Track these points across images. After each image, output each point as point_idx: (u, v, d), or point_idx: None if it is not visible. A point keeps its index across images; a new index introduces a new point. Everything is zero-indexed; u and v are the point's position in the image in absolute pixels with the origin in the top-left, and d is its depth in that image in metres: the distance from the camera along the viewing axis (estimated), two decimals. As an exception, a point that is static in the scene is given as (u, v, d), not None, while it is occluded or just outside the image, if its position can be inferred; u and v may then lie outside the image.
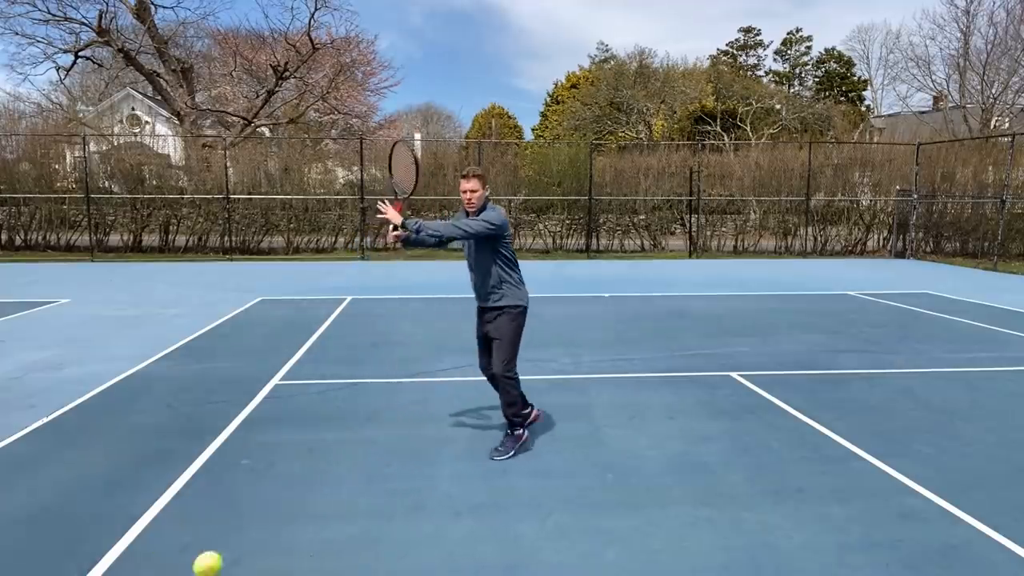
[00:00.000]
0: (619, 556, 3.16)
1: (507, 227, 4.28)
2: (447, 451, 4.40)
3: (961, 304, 10.24)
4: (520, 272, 4.39)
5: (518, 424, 4.37)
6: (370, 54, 28.85)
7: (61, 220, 17.89)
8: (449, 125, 52.25)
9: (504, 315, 4.27)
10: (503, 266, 4.28)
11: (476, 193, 4.21)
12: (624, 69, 40.43)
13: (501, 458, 4.23)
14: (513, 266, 4.34)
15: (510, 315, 4.27)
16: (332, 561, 3.11)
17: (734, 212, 19.70)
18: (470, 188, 4.21)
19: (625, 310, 9.69)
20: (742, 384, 5.95)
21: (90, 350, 7.07)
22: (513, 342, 4.29)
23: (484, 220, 4.15)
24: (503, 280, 4.27)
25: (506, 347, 4.26)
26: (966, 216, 18.07)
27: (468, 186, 4.21)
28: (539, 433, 4.71)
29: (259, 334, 7.91)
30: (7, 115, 21.19)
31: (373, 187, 18.31)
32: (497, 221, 4.15)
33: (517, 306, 4.30)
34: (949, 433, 4.78)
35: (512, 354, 4.29)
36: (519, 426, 4.38)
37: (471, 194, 4.21)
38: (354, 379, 6.03)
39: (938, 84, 35.00)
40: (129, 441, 4.54)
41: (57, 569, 3.02)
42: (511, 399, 4.30)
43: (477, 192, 4.21)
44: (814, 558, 3.14)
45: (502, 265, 4.28)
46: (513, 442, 4.34)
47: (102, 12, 21.51)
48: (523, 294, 4.36)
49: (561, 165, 19.80)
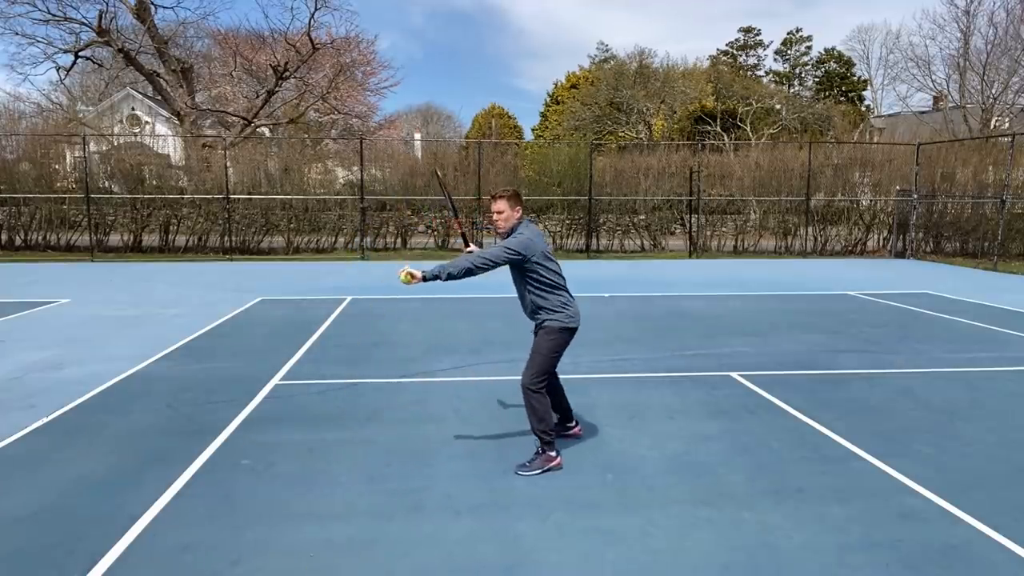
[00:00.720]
0: (619, 556, 3.16)
1: (533, 251, 4.01)
2: (447, 451, 4.40)
3: (961, 304, 10.24)
4: (563, 292, 4.16)
5: (547, 442, 4.12)
6: (370, 54, 28.89)
7: (61, 220, 17.89)
8: (449, 125, 52.29)
9: (543, 331, 4.13)
10: (537, 291, 4.10)
11: (503, 215, 4.06)
12: (624, 69, 40.43)
13: (526, 473, 4.02)
14: (550, 289, 4.11)
15: (548, 332, 4.11)
16: (332, 561, 3.11)
17: (734, 212, 19.69)
18: (496, 210, 4.08)
19: (625, 310, 9.69)
20: (742, 384, 5.95)
21: (90, 350, 7.07)
22: (546, 357, 4.10)
23: (504, 247, 3.97)
24: (539, 307, 4.12)
25: (537, 361, 4.10)
26: (966, 216, 18.06)
27: (495, 208, 4.08)
28: (539, 433, 4.71)
29: (259, 334, 7.91)
30: (7, 115, 21.20)
31: (373, 187, 18.32)
32: (518, 248, 3.95)
33: (557, 326, 4.10)
34: (949, 433, 4.78)
35: (541, 369, 4.09)
36: (549, 445, 4.12)
37: (498, 216, 4.08)
38: (354, 379, 6.03)
39: (938, 84, 35.01)
40: (129, 441, 4.54)
41: (57, 569, 3.02)
42: (537, 415, 4.09)
43: (504, 213, 4.05)
44: (814, 558, 3.14)
45: (535, 290, 4.10)
46: (542, 462, 4.09)
47: (102, 12, 21.53)
48: (564, 316, 4.11)
49: (561, 165, 19.82)
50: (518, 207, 4.14)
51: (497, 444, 4.52)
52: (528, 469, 4.06)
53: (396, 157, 20.09)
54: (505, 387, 5.75)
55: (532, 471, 4.05)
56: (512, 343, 7.44)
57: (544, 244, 4.17)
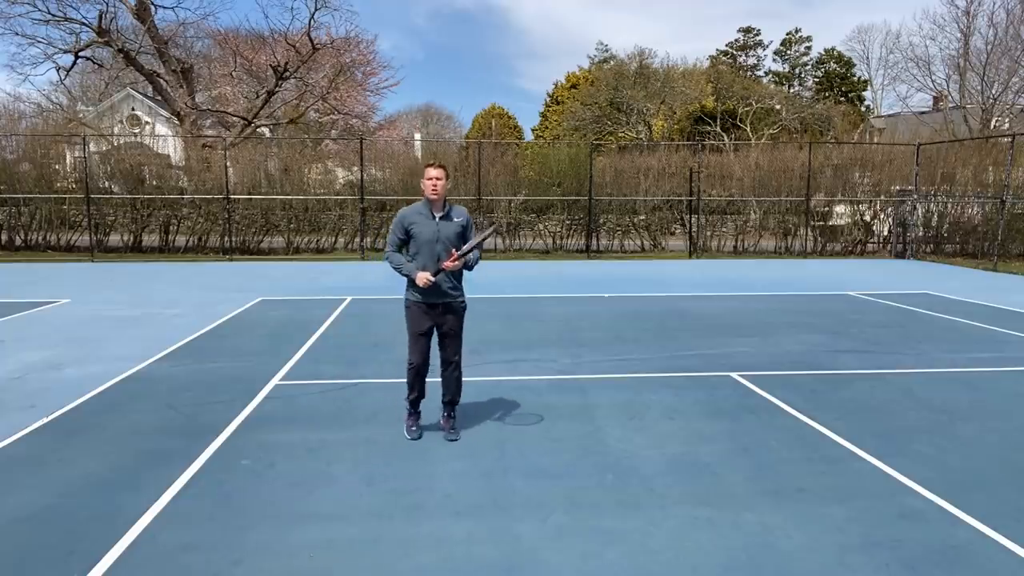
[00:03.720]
0: (619, 556, 3.16)
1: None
2: (447, 451, 4.40)
3: (961, 304, 10.24)
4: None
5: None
6: (370, 54, 28.92)
7: (61, 220, 17.89)
8: (449, 125, 52.31)
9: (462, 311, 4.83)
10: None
11: (443, 183, 4.48)
12: (624, 69, 40.44)
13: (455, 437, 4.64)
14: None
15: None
16: (332, 561, 3.11)
17: (734, 212, 19.69)
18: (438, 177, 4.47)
19: (625, 310, 9.69)
20: (742, 384, 5.94)
21: (90, 350, 7.07)
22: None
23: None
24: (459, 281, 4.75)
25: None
26: (966, 216, 18.07)
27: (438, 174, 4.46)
28: (539, 433, 4.71)
29: (259, 334, 7.90)
30: (7, 115, 21.22)
31: (373, 187, 18.32)
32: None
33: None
34: (949, 433, 4.78)
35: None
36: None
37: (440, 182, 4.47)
38: (354, 379, 6.03)
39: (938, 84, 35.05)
40: (129, 441, 4.54)
41: (57, 569, 3.02)
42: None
43: (442, 182, 4.46)
44: (814, 558, 3.14)
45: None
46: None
47: (102, 12, 21.53)
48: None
49: (561, 165, 19.80)
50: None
51: (497, 444, 4.52)
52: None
53: (396, 157, 20.08)
54: (505, 387, 5.75)
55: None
56: (512, 343, 7.44)
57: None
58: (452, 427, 4.69)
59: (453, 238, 4.45)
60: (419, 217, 4.44)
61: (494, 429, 4.80)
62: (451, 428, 4.68)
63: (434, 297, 4.51)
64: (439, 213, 4.46)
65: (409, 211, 4.50)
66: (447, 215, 4.47)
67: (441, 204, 4.47)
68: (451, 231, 4.44)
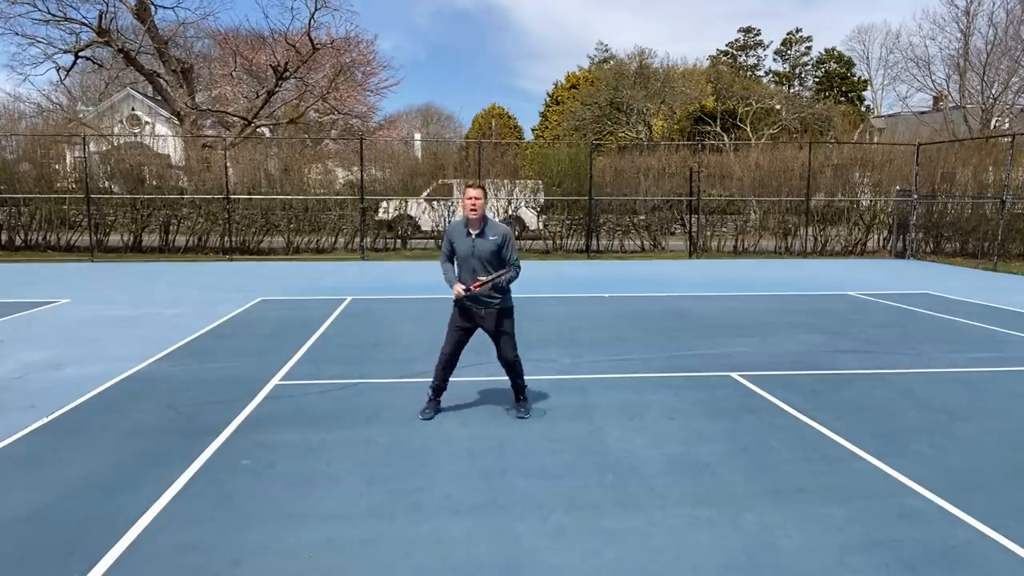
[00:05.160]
0: (619, 556, 3.16)
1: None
2: (447, 451, 4.41)
3: (961, 304, 10.24)
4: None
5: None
6: (370, 54, 28.90)
7: (61, 220, 17.87)
8: (449, 125, 52.31)
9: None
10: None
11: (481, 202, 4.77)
12: (624, 69, 40.45)
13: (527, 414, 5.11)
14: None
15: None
16: (332, 561, 3.11)
17: (734, 212, 19.69)
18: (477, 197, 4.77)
19: (625, 310, 9.69)
20: (742, 384, 5.95)
21: (90, 350, 7.07)
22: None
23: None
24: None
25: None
26: (966, 216, 18.06)
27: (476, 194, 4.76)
28: (539, 433, 4.72)
29: (259, 334, 7.90)
30: (7, 115, 21.22)
31: (373, 187, 18.31)
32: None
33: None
34: (949, 433, 4.78)
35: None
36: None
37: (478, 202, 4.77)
38: (354, 379, 6.03)
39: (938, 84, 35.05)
40: (129, 441, 4.54)
41: (57, 569, 3.02)
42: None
43: (482, 201, 4.76)
44: (814, 558, 3.14)
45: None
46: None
47: (102, 12, 21.53)
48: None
49: (561, 165, 19.78)
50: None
51: (497, 444, 4.52)
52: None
53: (396, 157, 20.08)
54: (505, 387, 5.74)
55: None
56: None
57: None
58: (521, 407, 5.10)
59: (487, 255, 4.74)
60: (459, 233, 4.80)
61: (494, 429, 4.80)
62: (520, 407, 5.10)
63: (468, 300, 4.86)
64: (475, 231, 4.75)
65: (453, 226, 4.89)
66: (482, 232, 4.74)
67: (478, 222, 4.74)
68: (486, 248, 4.73)
